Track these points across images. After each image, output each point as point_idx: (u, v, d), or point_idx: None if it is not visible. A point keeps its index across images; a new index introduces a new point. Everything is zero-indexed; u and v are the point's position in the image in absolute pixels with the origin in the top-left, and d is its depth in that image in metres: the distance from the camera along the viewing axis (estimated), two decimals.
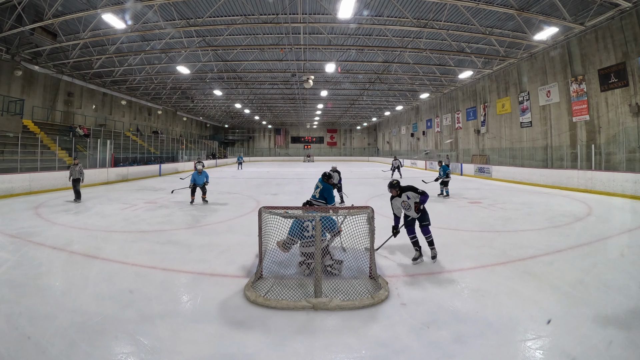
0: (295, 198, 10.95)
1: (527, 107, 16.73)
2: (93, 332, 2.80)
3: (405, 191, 4.70)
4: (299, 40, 15.55)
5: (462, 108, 23.47)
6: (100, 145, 16.47)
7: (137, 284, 3.86)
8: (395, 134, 40.01)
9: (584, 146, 13.03)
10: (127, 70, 19.45)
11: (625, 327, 2.81)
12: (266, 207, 3.93)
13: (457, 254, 4.87)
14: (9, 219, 7.26)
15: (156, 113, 31.25)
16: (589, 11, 11.51)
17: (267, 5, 12.41)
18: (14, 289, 3.64)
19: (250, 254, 4.88)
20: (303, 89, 24.99)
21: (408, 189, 4.72)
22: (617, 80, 11.73)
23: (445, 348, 2.62)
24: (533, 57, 15.88)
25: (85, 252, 5.00)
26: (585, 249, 5.10)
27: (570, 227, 6.47)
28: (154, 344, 2.67)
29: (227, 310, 3.24)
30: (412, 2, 12.11)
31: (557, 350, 2.56)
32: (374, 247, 3.83)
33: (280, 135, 51.05)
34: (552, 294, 3.51)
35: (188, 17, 13.07)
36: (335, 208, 4.55)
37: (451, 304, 3.33)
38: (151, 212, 8.28)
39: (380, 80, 22.80)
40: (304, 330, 2.92)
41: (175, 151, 28.32)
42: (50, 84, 18.62)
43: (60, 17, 11.70)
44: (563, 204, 9.23)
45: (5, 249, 5.11)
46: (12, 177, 10.93)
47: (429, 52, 16.40)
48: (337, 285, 3.57)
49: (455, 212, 8.32)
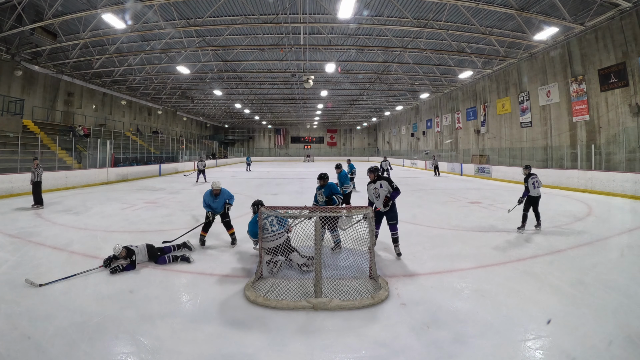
0: (296, 198, 10.95)
1: (527, 107, 16.73)
2: (93, 332, 2.80)
3: (381, 180, 4.75)
4: (299, 40, 15.55)
5: (462, 108, 23.46)
6: (100, 145, 16.48)
7: (137, 284, 3.86)
8: (395, 134, 40.01)
9: (584, 146, 13.03)
10: (127, 70, 19.45)
11: (625, 327, 2.81)
12: (266, 207, 3.94)
13: (457, 254, 4.87)
14: (9, 219, 7.26)
15: (156, 113, 31.25)
16: (589, 11, 11.51)
17: (267, 5, 12.41)
18: (14, 289, 3.64)
19: (250, 254, 4.88)
20: (303, 89, 24.99)
21: (384, 179, 4.76)
22: (617, 80, 11.72)
23: (445, 348, 2.62)
24: (533, 57, 15.88)
25: (85, 252, 5.00)
26: (585, 249, 5.10)
27: (570, 227, 6.47)
28: (154, 344, 2.67)
29: (227, 310, 3.24)
30: (412, 2, 12.11)
31: (557, 350, 2.56)
32: (374, 247, 3.83)
33: (280, 135, 51.04)
34: (552, 294, 3.51)
35: (188, 17, 13.07)
36: (336, 208, 4.54)
37: (451, 304, 3.33)
38: (151, 212, 8.28)
39: (380, 80, 22.80)
40: (304, 330, 2.91)
41: (175, 151, 28.33)
42: (50, 84, 18.62)
43: (60, 17, 11.70)
44: (563, 204, 9.23)
45: (5, 249, 5.10)
46: (12, 177, 10.93)
47: (429, 52, 16.40)
48: (337, 285, 3.56)
49: (455, 212, 8.31)
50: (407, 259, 4.66)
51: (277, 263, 4.09)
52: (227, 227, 5.38)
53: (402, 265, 4.45)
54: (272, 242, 4.03)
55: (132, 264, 4.21)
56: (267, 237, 4.01)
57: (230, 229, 5.37)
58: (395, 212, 4.70)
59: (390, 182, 4.71)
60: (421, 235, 5.98)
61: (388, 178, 4.81)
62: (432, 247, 5.26)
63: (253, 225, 4.32)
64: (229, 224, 5.38)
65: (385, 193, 4.64)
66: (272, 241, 4.03)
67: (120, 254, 4.17)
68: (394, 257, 4.75)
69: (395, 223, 4.68)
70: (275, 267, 4.06)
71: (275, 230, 4.08)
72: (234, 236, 5.35)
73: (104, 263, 4.22)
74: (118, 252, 4.17)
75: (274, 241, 4.04)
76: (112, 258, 4.21)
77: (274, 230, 4.06)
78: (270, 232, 4.03)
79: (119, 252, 4.17)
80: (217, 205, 5.29)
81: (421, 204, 9.24)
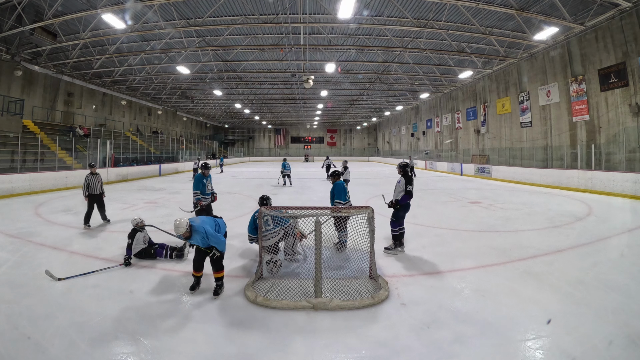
0: (296, 198, 10.96)
1: (527, 107, 16.73)
2: (93, 332, 2.81)
3: (404, 176, 4.84)
4: (299, 40, 15.55)
5: (462, 108, 23.46)
6: (100, 146, 16.48)
7: (137, 284, 3.86)
8: (395, 134, 40.00)
9: (584, 146, 13.02)
10: (127, 70, 19.45)
11: (625, 327, 2.81)
12: (266, 207, 3.94)
13: (457, 254, 4.87)
14: (9, 219, 7.26)
15: (156, 113, 31.24)
16: (589, 11, 11.51)
17: (267, 5, 12.41)
18: (14, 289, 3.64)
19: (251, 254, 4.88)
20: (303, 89, 24.98)
21: (406, 177, 4.82)
22: (617, 80, 11.72)
23: (445, 348, 2.62)
24: (533, 57, 15.87)
25: (85, 252, 5.00)
26: (585, 248, 5.10)
27: (570, 227, 6.46)
28: (154, 344, 2.67)
29: (227, 310, 3.25)
30: (412, 2, 12.11)
31: (557, 350, 2.56)
32: (374, 247, 3.83)
33: (280, 135, 51.04)
34: (552, 294, 3.51)
35: (188, 17, 13.07)
36: (337, 208, 4.55)
37: (451, 304, 3.33)
38: (151, 212, 8.28)
39: (380, 80, 22.80)
40: (304, 330, 2.92)
41: (175, 151, 28.34)
42: (50, 84, 18.61)
43: (60, 17, 11.69)
44: (563, 203, 9.23)
45: (5, 249, 5.11)
46: (12, 177, 10.94)
47: (429, 52, 16.39)
48: (337, 285, 3.56)
49: (455, 212, 8.31)
50: (407, 259, 4.66)
51: (277, 263, 4.11)
52: (214, 266, 3.63)
53: (402, 265, 4.45)
54: (268, 241, 4.11)
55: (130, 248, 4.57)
56: (263, 235, 4.06)
57: (217, 271, 3.62)
58: (396, 213, 4.73)
59: (407, 182, 4.77)
60: (421, 235, 5.98)
61: (409, 179, 4.84)
62: (432, 247, 5.26)
63: (252, 223, 4.44)
64: (219, 264, 3.62)
65: (399, 190, 4.79)
66: (269, 239, 4.12)
67: (138, 224, 4.74)
68: (394, 257, 4.75)
69: (393, 220, 4.80)
70: (275, 267, 4.08)
71: (271, 229, 4.14)
72: (220, 282, 3.63)
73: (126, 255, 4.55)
74: (136, 224, 4.74)
75: (270, 239, 4.13)
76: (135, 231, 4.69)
77: (269, 229, 4.13)
78: (265, 231, 4.10)
79: (137, 223, 4.75)
80: (197, 241, 3.56)
81: (421, 203, 9.23)
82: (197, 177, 5.96)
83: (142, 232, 4.73)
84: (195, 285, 3.65)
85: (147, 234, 4.88)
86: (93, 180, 6.80)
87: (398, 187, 4.84)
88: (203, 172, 5.95)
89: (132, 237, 4.59)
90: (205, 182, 5.93)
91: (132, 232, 4.64)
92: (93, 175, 6.87)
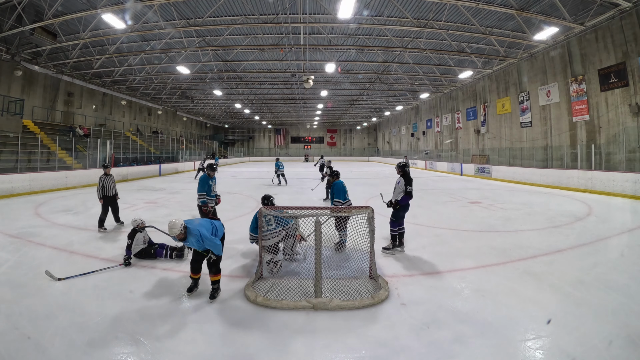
0: (296, 198, 10.96)
1: (527, 107, 16.72)
2: (93, 332, 2.81)
3: (403, 176, 4.85)
4: (299, 40, 15.55)
5: (462, 108, 23.46)
6: (100, 145, 16.47)
7: (137, 284, 3.86)
8: (395, 134, 40.00)
9: (584, 146, 13.02)
10: (127, 70, 19.45)
11: (625, 327, 2.81)
12: (266, 207, 3.94)
13: (457, 254, 4.87)
14: (9, 219, 7.26)
15: (156, 113, 31.24)
16: (589, 11, 11.51)
17: (267, 5, 12.41)
18: (14, 289, 3.64)
19: (251, 254, 4.88)
20: (303, 89, 24.98)
21: (405, 178, 4.82)
22: (617, 80, 11.72)
23: (445, 348, 2.62)
24: (533, 57, 15.87)
25: (85, 252, 5.00)
26: (585, 249, 5.10)
27: (571, 227, 6.46)
28: (154, 344, 2.67)
29: (227, 310, 3.25)
30: (412, 2, 12.11)
31: (557, 350, 2.56)
32: (374, 247, 3.83)
33: (280, 135, 51.04)
34: (552, 294, 3.51)
35: (188, 17, 13.07)
36: (337, 208, 4.55)
37: (451, 304, 3.33)
38: (151, 212, 8.28)
39: (380, 80, 22.79)
40: (304, 330, 2.92)
41: (175, 151, 28.33)
42: (50, 84, 18.61)
43: (60, 17, 11.69)
44: (563, 203, 9.23)
45: (5, 249, 5.10)
46: (12, 177, 10.93)
47: (429, 52, 16.39)
48: (337, 285, 3.56)
49: (455, 212, 8.31)
50: (407, 259, 4.66)
51: (277, 263, 4.11)
52: (211, 269, 3.55)
53: (402, 265, 4.45)
54: (268, 241, 4.10)
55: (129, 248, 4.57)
56: (264, 234, 4.06)
57: (214, 274, 3.54)
58: (396, 213, 4.74)
59: (407, 183, 4.77)
60: (421, 235, 5.99)
61: (409, 179, 4.83)
62: (432, 247, 5.26)
63: (254, 222, 4.44)
64: (216, 267, 3.54)
65: (399, 191, 4.78)
66: (269, 239, 4.11)
67: (139, 225, 4.73)
68: (394, 257, 4.75)
69: (392, 220, 4.80)
70: (275, 267, 4.08)
71: (272, 229, 4.13)
72: (216, 285, 3.54)
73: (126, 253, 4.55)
74: (137, 225, 4.73)
75: (271, 239, 4.12)
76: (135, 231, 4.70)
77: (270, 228, 4.12)
78: (266, 231, 4.09)
79: (137, 224, 4.74)
80: (192, 244, 3.49)
81: (421, 203, 9.23)
82: (202, 179, 5.81)
83: (141, 233, 4.74)
84: (192, 287, 3.63)
85: (147, 234, 4.88)
86: (108, 182, 6.57)
87: (398, 188, 4.84)
88: (208, 173, 5.85)
89: (132, 237, 4.59)
90: (211, 184, 5.83)
91: (132, 233, 4.64)
92: (107, 176, 6.64)
